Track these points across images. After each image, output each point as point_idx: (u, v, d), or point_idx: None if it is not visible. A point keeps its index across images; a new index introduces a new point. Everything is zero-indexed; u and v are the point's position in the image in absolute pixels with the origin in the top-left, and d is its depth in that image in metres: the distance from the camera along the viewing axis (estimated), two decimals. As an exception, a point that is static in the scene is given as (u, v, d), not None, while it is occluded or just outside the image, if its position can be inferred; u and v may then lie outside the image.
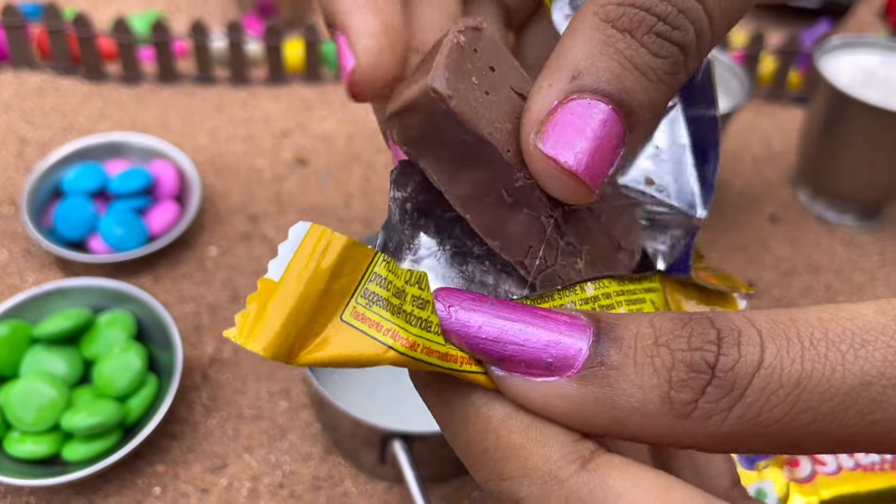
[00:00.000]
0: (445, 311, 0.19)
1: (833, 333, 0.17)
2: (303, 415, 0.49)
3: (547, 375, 0.19)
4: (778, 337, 0.17)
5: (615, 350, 0.18)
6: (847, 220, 0.68)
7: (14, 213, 0.61)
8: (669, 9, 0.21)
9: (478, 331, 0.19)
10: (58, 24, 0.73)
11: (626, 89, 0.21)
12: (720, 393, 0.17)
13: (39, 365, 0.47)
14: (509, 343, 0.19)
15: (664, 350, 0.18)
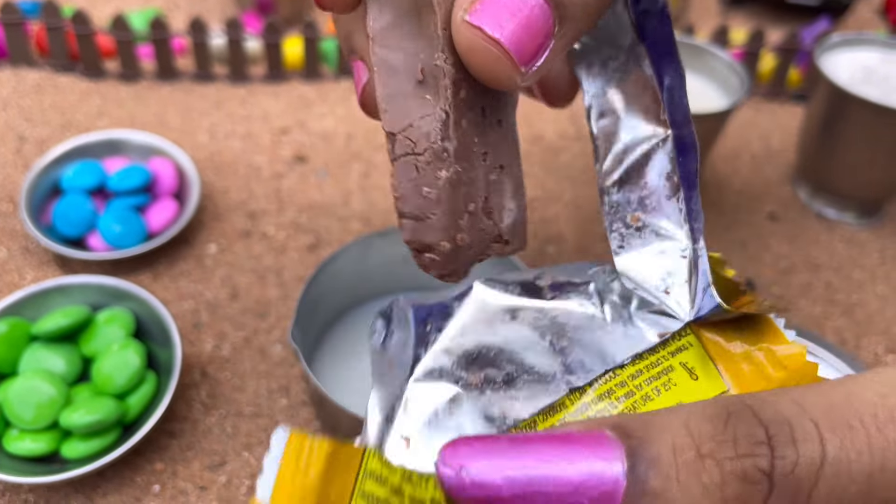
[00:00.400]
0: (456, 477, 0.16)
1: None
2: (302, 412, 0.49)
3: None
4: (838, 425, 0.15)
5: (654, 473, 0.16)
6: (847, 217, 0.68)
7: (13, 211, 0.61)
8: None
9: (499, 490, 0.16)
10: (56, 22, 0.73)
11: None
12: (783, 501, 0.15)
13: (38, 362, 0.47)
14: (539, 494, 0.16)
15: (710, 462, 0.16)
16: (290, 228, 0.62)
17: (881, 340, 0.57)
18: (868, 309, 0.60)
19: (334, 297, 0.52)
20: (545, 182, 0.69)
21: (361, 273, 0.53)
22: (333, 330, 0.53)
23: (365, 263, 0.53)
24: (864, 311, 0.60)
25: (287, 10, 0.88)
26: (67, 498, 0.44)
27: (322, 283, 0.50)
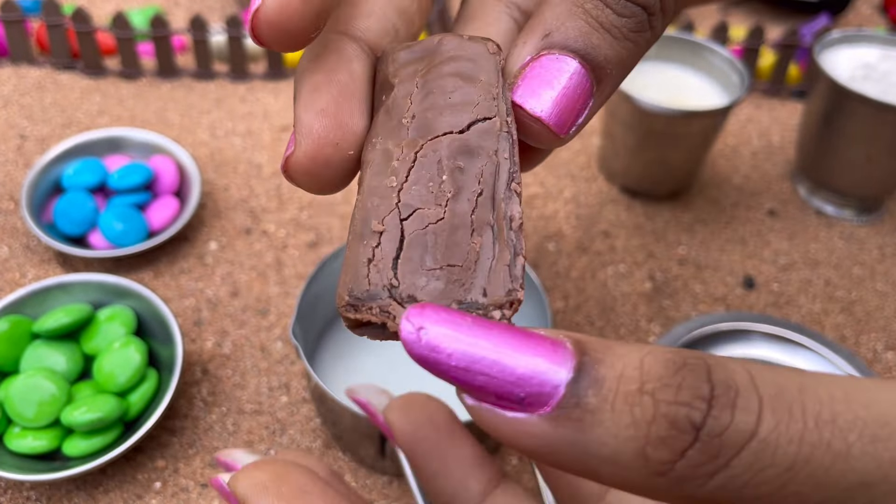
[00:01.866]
0: (414, 334, 0.17)
1: (843, 418, 0.16)
2: (303, 409, 0.49)
3: (518, 410, 0.17)
4: (780, 408, 0.16)
5: (593, 392, 0.16)
6: (846, 214, 0.68)
7: (14, 209, 0.61)
8: None
9: (447, 358, 0.17)
10: (57, 19, 0.73)
11: (593, 45, 0.24)
12: (702, 458, 0.16)
13: (40, 360, 0.47)
14: (480, 374, 0.17)
15: (647, 399, 0.16)
16: (291, 226, 0.62)
17: (881, 337, 0.57)
18: (867, 306, 0.60)
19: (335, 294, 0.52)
20: (545, 179, 0.69)
21: None
22: (334, 327, 0.53)
23: None
24: (863, 308, 0.60)
25: (287, 7, 0.88)
26: (69, 495, 0.44)
27: (323, 281, 0.50)
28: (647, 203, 0.67)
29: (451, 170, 0.22)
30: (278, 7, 0.21)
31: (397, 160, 0.22)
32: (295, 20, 0.21)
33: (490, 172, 0.22)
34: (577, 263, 0.61)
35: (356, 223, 0.22)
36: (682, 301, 0.59)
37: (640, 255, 0.62)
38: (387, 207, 0.21)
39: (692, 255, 0.63)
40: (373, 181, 0.22)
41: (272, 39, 0.22)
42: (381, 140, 0.23)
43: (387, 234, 0.21)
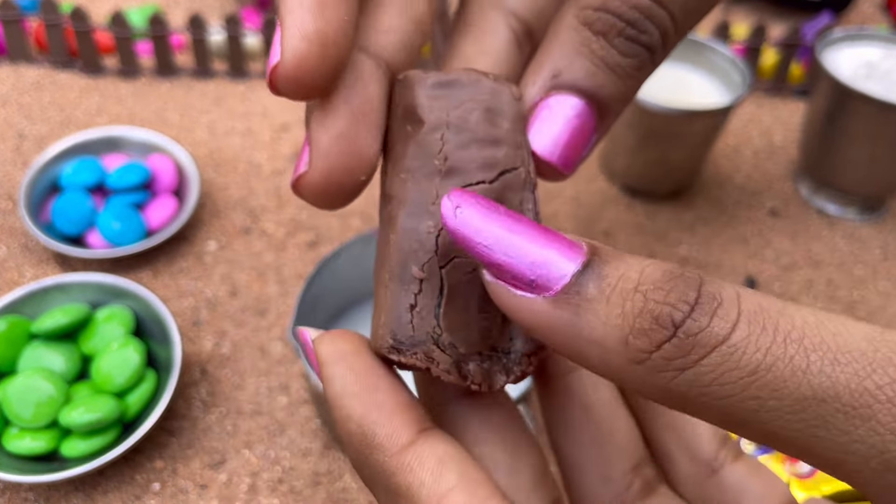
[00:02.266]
0: (451, 211, 0.20)
1: (809, 339, 0.17)
2: (302, 410, 0.49)
3: (527, 291, 0.19)
4: (755, 322, 0.17)
5: (594, 284, 0.19)
6: (849, 213, 0.68)
7: (12, 208, 0.61)
8: (637, 15, 0.25)
9: (475, 233, 0.20)
10: (55, 18, 0.73)
11: (599, 84, 0.25)
12: (675, 352, 0.17)
13: (37, 360, 0.47)
14: (500, 253, 0.20)
15: (639, 296, 0.18)
16: (290, 226, 0.62)
17: (883, 337, 0.57)
18: (870, 305, 0.60)
19: (335, 294, 0.52)
20: (546, 178, 0.68)
21: (363, 270, 0.53)
22: (335, 327, 0.53)
23: (367, 260, 0.52)
24: (865, 308, 0.59)
25: (287, 5, 0.88)
26: (67, 496, 0.44)
27: (323, 280, 0.50)
28: (648, 202, 0.67)
29: None
30: (295, 64, 0.21)
31: (433, 205, 0.23)
32: (313, 76, 0.21)
33: None
34: (577, 263, 0.61)
35: (393, 264, 0.22)
36: (684, 301, 0.58)
37: (641, 254, 0.62)
38: (426, 254, 0.22)
39: (693, 255, 0.62)
40: (408, 222, 0.23)
41: (290, 93, 0.22)
42: (413, 178, 0.23)
43: (427, 282, 0.22)
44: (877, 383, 0.16)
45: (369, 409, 0.21)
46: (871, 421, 0.16)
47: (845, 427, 0.16)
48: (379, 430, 0.21)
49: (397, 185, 0.23)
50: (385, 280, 0.23)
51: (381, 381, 0.22)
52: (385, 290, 0.22)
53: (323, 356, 0.22)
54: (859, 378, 0.16)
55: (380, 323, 0.22)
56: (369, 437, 0.21)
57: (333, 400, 0.22)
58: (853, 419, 0.16)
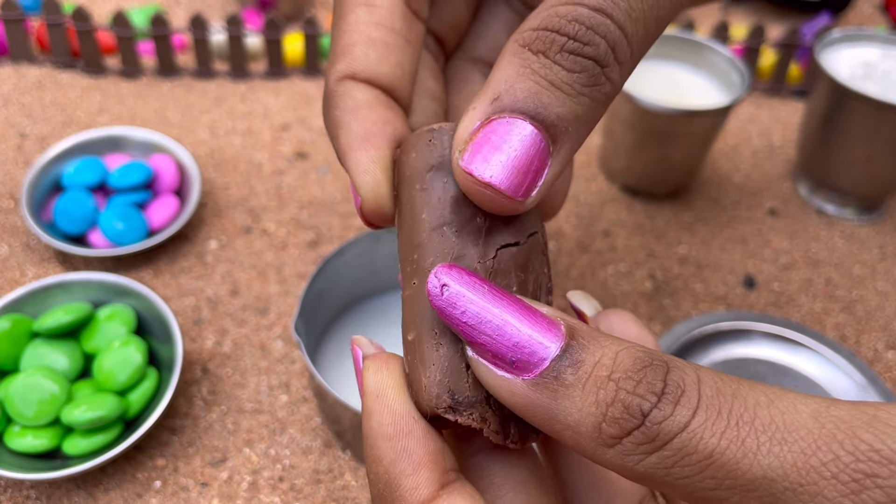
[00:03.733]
0: (437, 289, 0.21)
1: (760, 421, 0.18)
2: (303, 409, 0.49)
3: (507, 371, 0.21)
4: (711, 408, 0.19)
5: (571, 371, 0.20)
6: (847, 213, 0.68)
7: (14, 208, 0.61)
8: (577, 27, 0.23)
9: (460, 314, 0.21)
10: (57, 18, 0.73)
11: (544, 105, 0.23)
12: (642, 439, 0.19)
13: (40, 359, 0.47)
14: (483, 333, 0.21)
15: (612, 386, 0.19)
16: (291, 225, 0.62)
17: (881, 336, 0.57)
18: (868, 305, 0.60)
19: (339, 290, 0.52)
20: (545, 178, 0.69)
21: (368, 267, 0.53)
22: (336, 326, 0.53)
23: (372, 257, 0.53)
24: (864, 308, 0.60)
25: (287, 6, 0.88)
26: (69, 494, 0.44)
27: (326, 279, 0.50)
28: (648, 202, 0.67)
29: (519, 283, 0.25)
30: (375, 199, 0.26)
31: (479, 264, 0.24)
32: (386, 204, 0.26)
33: (537, 285, 0.25)
34: (577, 262, 0.61)
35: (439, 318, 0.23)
36: (683, 300, 0.59)
37: (640, 254, 0.62)
38: None
39: (693, 255, 0.63)
40: None
41: (380, 223, 0.27)
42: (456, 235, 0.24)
43: None
44: (821, 460, 0.17)
45: (400, 456, 0.22)
46: (819, 497, 0.17)
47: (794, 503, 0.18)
48: (404, 482, 0.22)
49: (437, 237, 0.24)
50: (430, 333, 0.23)
51: (416, 426, 0.22)
52: (433, 344, 0.23)
53: (367, 386, 0.23)
54: (805, 456, 0.18)
55: (432, 380, 0.22)
56: (393, 486, 0.22)
57: (367, 436, 0.23)
58: (801, 495, 0.17)
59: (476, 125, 0.24)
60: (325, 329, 0.53)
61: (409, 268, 0.24)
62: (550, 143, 0.24)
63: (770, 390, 0.19)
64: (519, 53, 0.24)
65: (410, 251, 0.24)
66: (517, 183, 0.23)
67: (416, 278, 0.24)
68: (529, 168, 0.23)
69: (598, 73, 0.24)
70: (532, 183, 0.24)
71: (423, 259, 0.24)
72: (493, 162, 0.23)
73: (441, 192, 0.24)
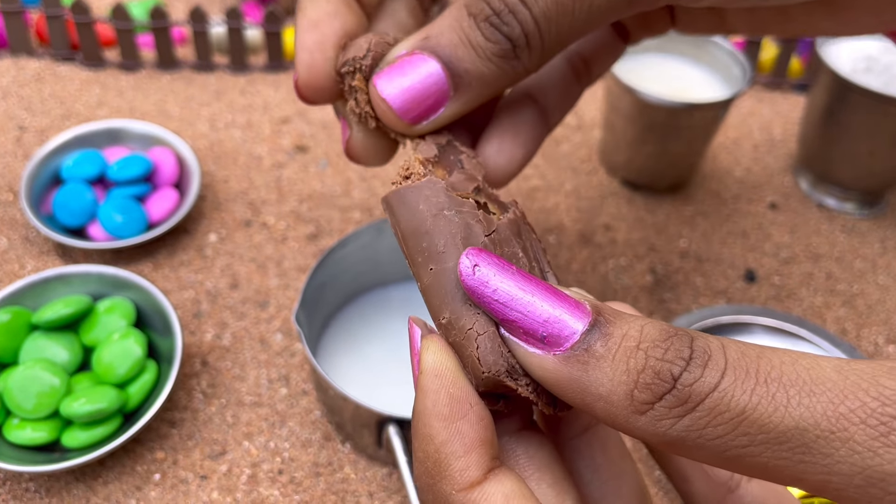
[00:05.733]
0: (469, 269, 0.23)
1: (787, 377, 0.19)
2: (302, 402, 0.49)
3: (539, 346, 0.22)
4: (739, 368, 0.19)
5: (601, 343, 0.21)
6: (848, 207, 0.68)
7: (13, 200, 0.61)
8: (501, 6, 0.28)
9: (492, 292, 0.22)
10: (56, 11, 0.73)
11: (457, 56, 0.29)
12: (675, 402, 0.20)
13: (39, 351, 0.47)
14: (515, 310, 0.22)
15: (641, 354, 0.20)
16: (291, 218, 0.62)
17: (882, 330, 0.57)
18: (869, 299, 0.60)
19: (342, 282, 0.52)
20: (546, 172, 0.68)
21: (371, 260, 0.53)
22: (337, 318, 0.53)
23: (375, 249, 0.52)
24: (864, 302, 0.60)
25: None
26: (68, 486, 0.44)
27: (328, 270, 0.50)
28: (648, 196, 0.67)
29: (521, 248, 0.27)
30: (307, 72, 0.30)
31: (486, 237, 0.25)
32: (318, 81, 0.30)
33: (534, 249, 0.27)
34: (578, 256, 0.61)
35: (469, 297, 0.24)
36: (683, 294, 0.59)
37: (641, 248, 0.62)
38: None
39: (693, 248, 0.63)
40: None
41: (312, 98, 0.31)
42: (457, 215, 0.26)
43: None
44: (849, 407, 0.18)
45: (453, 437, 0.22)
46: (850, 441, 0.18)
47: (827, 450, 0.18)
48: (454, 463, 0.22)
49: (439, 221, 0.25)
50: (465, 308, 0.24)
51: (471, 410, 0.23)
52: (472, 317, 0.23)
53: (426, 364, 0.23)
54: (833, 405, 0.18)
55: (484, 349, 0.23)
56: (443, 466, 0.22)
57: (421, 414, 0.23)
58: (833, 442, 0.18)
59: (402, 52, 0.30)
60: (327, 321, 0.53)
61: (420, 257, 0.25)
62: (452, 88, 0.29)
63: (792, 352, 0.20)
64: (459, 9, 0.29)
65: (418, 240, 0.25)
66: (410, 110, 0.29)
67: (432, 264, 0.24)
68: (425, 100, 0.29)
69: (508, 48, 0.29)
70: (424, 113, 0.29)
71: (434, 244, 0.25)
72: (395, 84, 0.29)
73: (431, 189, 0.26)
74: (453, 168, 0.29)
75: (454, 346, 0.24)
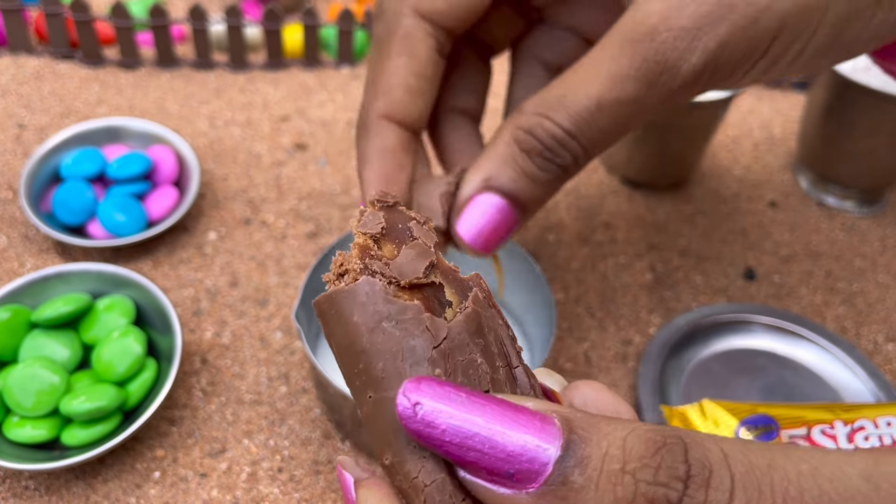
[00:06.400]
0: (410, 410, 0.19)
1: (809, 496, 0.16)
2: (302, 400, 0.49)
3: (508, 486, 0.18)
4: (750, 486, 0.17)
5: (579, 472, 0.18)
6: (848, 205, 0.68)
7: (12, 198, 0.61)
8: (554, 143, 0.33)
9: (441, 434, 0.18)
10: (56, 9, 0.73)
11: (519, 189, 0.34)
12: None
13: (39, 349, 0.47)
14: (472, 450, 0.18)
15: (629, 479, 0.17)
16: (290, 216, 0.62)
17: (881, 329, 0.57)
18: (869, 297, 0.60)
19: None
20: (546, 170, 0.68)
21: None
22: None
23: None
24: (864, 300, 0.60)
25: (287, -3, 0.87)
26: (68, 484, 0.44)
27: (327, 269, 0.50)
28: (648, 194, 0.67)
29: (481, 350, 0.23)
30: None
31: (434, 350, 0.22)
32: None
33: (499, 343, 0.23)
34: (577, 254, 0.61)
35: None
36: (683, 292, 0.59)
37: (640, 246, 0.62)
38: None
39: (693, 247, 0.63)
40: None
41: None
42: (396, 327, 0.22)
43: None
44: None
45: None
46: None
47: None
48: None
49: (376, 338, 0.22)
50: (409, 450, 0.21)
51: None
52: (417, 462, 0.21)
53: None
54: None
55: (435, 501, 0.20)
56: None
57: None
58: None
59: (471, 193, 0.35)
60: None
61: (358, 381, 0.22)
62: (520, 215, 0.35)
63: (809, 455, 0.17)
64: (511, 146, 0.34)
65: (354, 360, 0.22)
66: (487, 242, 0.35)
67: (371, 390, 0.21)
68: (497, 232, 0.35)
69: (560, 174, 0.34)
70: (496, 242, 0.36)
71: (372, 366, 0.21)
72: (475, 226, 0.35)
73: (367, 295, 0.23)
74: (403, 240, 0.25)
75: (401, 493, 0.21)
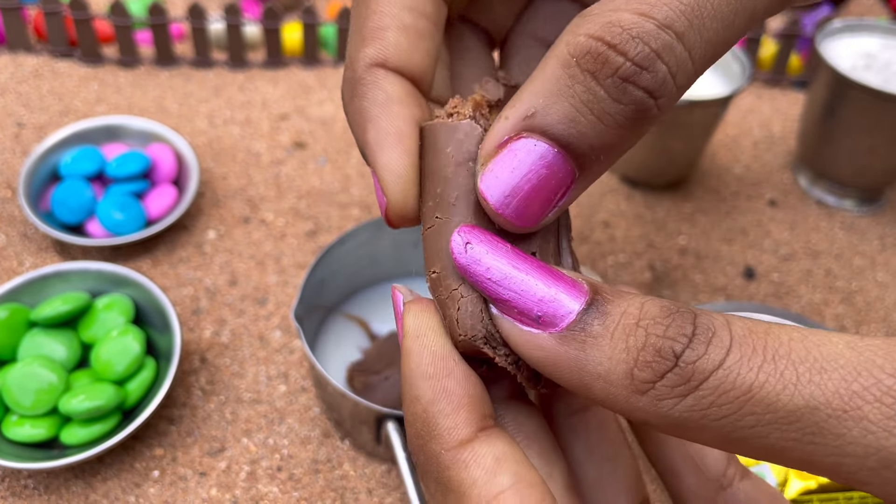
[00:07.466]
0: (461, 247, 0.22)
1: (796, 354, 0.18)
2: (301, 399, 0.49)
3: (533, 326, 0.20)
4: (745, 345, 0.18)
5: (599, 322, 0.20)
6: (847, 204, 0.68)
7: (11, 197, 0.61)
8: (639, 48, 0.20)
9: (485, 271, 0.21)
10: (55, 7, 0.73)
11: (578, 133, 0.21)
12: (677, 380, 0.18)
13: (37, 348, 0.47)
14: (508, 290, 0.21)
15: (641, 332, 0.19)
16: (289, 215, 0.62)
17: (881, 327, 0.57)
18: (868, 296, 0.60)
19: (341, 279, 0.52)
20: (545, 169, 0.68)
21: (370, 257, 0.53)
22: (336, 315, 0.53)
23: (373, 247, 0.52)
24: (863, 298, 0.60)
25: (286, -5, 0.87)
26: (67, 483, 0.44)
27: (329, 265, 0.50)
28: (648, 193, 0.67)
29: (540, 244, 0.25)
30: (401, 207, 0.24)
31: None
32: (413, 210, 0.24)
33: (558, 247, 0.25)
34: (577, 253, 0.61)
35: None
36: (682, 291, 0.59)
37: (640, 244, 0.62)
38: None
39: (692, 245, 0.63)
40: None
41: (403, 225, 0.25)
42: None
43: None
44: (863, 385, 0.17)
45: (438, 396, 0.22)
46: (864, 421, 0.17)
47: (839, 430, 0.17)
48: (442, 421, 0.21)
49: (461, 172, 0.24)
50: (454, 269, 0.23)
51: (456, 368, 0.22)
52: (458, 278, 0.23)
53: (407, 327, 0.23)
54: (846, 382, 0.17)
55: (464, 312, 0.22)
56: (431, 426, 0.21)
57: (407, 376, 0.22)
58: (845, 421, 0.17)
59: (504, 139, 0.22)
60: (325, 318, 0.53)
61: (432, 202, 0.24)
62: (577, 171, 0.22)
63: (801, 328, 0.19)
64: (566, 66, 0.21)
65: (434, 184, 0.24)
66: (527, 212, 0.22)
67: (440, 212, 0.23)
68: (543, 197, 0.22)
69: (650, 105, 0.21)
70: (545, 210, 0.22)
71: (448, 193, 0.23)
72: (509, 186, 0.22)
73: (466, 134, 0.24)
74: None
75: (439, 304, 0.23)
